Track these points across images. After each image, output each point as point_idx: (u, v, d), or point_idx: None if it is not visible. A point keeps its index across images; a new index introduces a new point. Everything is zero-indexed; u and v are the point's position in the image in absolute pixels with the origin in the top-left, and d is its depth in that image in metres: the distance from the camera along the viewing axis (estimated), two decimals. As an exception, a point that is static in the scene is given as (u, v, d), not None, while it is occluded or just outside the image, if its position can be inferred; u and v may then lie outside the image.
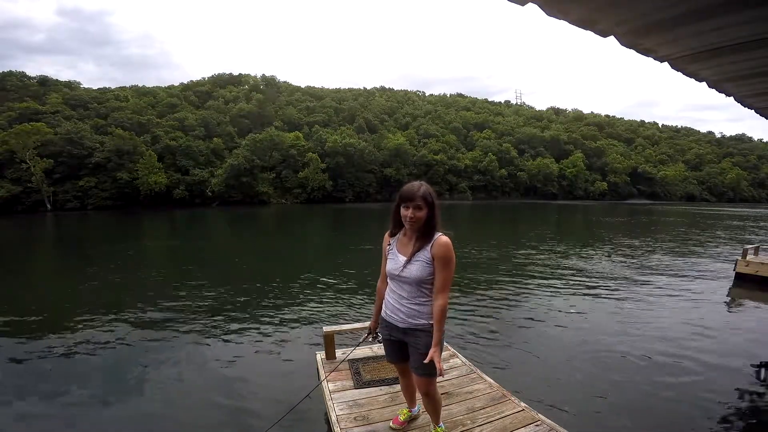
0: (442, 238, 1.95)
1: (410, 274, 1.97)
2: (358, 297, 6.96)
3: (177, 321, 5.78)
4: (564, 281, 8.22)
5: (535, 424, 2.43)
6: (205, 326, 5.57)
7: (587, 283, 8.03)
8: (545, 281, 8.23)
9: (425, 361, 1.91)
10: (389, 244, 2.15)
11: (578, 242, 14.75)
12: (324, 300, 6.82)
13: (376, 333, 2.41)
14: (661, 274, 8.88)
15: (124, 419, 3.35)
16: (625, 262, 10.46)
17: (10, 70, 48.95)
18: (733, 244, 13.86)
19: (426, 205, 1.94)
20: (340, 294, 7.19)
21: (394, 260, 2.07)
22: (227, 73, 66.44)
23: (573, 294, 7.24)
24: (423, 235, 1.98)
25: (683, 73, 2.16)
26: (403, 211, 1.97)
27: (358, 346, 2.84)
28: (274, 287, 7.77)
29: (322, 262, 10.87)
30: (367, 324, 3.04)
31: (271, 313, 6.15)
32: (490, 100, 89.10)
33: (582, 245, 13.66)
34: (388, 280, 2.16)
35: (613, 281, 8.23)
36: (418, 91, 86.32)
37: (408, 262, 1.99)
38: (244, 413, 3.41)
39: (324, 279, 8.38)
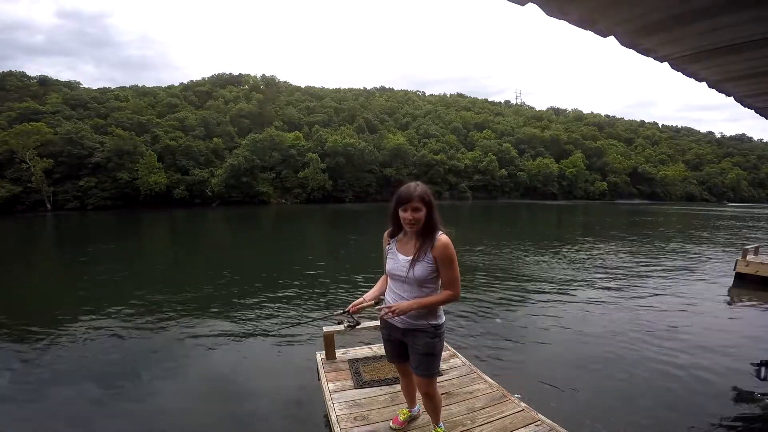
0: (442, 238, 1.94)
1: (412, 274, 1.96)
2: (359, 297, 6.95)
3: (177, 321, 5.78)
4: (563, 281, 8.21)
5: (535, 424, 2.43)
6: (205, 326, 5.57)
7: (586, 283, 8.03)
8: (545, 281, 8.22)
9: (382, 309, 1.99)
10: (388, 244, 2.14)
11: (578, 242, 14.73)
12: (324, 300, 6.82)
13: (352, 317, 2.14)
14: (661, 274, 8.88)
15: (124, 418, 3.35)
16: (624, 261, 10.45)
17: (10, 70, 49.07)
18: (733, 244, 13.86)
19: (424, 205, 1.92)
20: (340, 294, 7.18)
21: (394, 260, 2.06)
22: (227, 73, 66.52)
23: (572, 294, 7.23)
24: (424, 235, 1.97)
25: (683, 73, 2.15)
26: (401, 214, 1.94)
27: (327, 318, 2.69)
28: (274, 287, 7.76)
29: (322, 262, 10.85)
30: (366, 324, 3.03)
31: (271, 313, 6.15)
32: (490, 100, 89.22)
33: (581, 245, 13.64)
34: (388, 280, 2.15)
35: (612, 281, 8.22)
36: (418, 91, 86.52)
37: (410, 262, 1.97)
38: (243, 413, 3.41)
39: (324, 279, 8.37)
